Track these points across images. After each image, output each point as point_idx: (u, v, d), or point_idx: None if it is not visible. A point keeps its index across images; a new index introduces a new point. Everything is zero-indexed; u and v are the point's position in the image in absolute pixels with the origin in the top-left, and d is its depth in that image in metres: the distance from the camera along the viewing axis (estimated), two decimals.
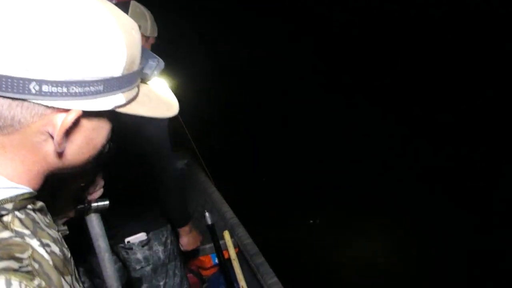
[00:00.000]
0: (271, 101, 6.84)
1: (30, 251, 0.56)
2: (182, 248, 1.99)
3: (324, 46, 7.96)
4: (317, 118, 6.16)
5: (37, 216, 0.65)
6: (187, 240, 1.97)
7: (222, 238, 2.47)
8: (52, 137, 0.58)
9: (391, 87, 6.55)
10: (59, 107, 0.55)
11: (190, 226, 1.95)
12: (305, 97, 6.78)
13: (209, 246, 2.49)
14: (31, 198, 0.64)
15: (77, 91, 0.55)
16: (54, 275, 0.58)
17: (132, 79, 0.62)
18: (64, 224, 1.09)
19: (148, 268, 1.85)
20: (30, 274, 0.53)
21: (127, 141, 1.49)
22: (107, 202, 1.08)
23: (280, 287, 2.02)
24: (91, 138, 0.64)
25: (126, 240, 1.80)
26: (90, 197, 1.07)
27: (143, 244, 1.81)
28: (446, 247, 3.57)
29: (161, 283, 1.89)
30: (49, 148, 0.60)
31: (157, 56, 0.70)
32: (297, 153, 5.36)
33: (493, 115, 5.47)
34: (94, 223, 1.12)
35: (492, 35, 6.85)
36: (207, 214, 2.50)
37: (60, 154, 0.62)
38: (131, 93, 0.63)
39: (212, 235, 2.45)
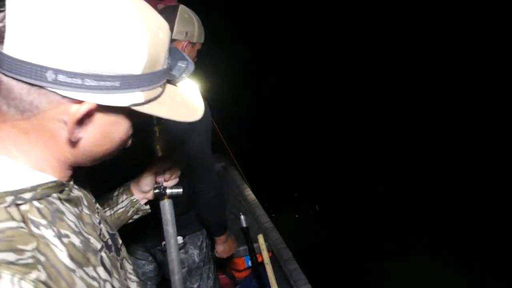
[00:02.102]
0: (314, 108, 6.76)
1: (35, 243, 0.56)
2: (217, 255, 2.03)
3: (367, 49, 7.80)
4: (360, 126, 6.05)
5: (63, 206, 0.66)
6: (223, 248, 2.00)
7: (256, 241, 2.49)
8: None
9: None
10: (74, 97, 0.56)
11: (226, 235, 1.98)
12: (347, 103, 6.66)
13: (243, 248, 2.52)
14: (57, 187, 0.65)
15: (92, 84, 0.55)
16: (63, 268, 0.59)
17: (153, 79, 0.62)
18: (146, 204, 1.18)
19: (183, 271, 1.89)
20: (29, 267, 0.53)
21: (173, 149, 1.52)
22: (180, 190, 1.13)
23: None
24: (108, 132, 0.64)
25: (163, 243, 1.85)
26: (165, 184, 1.13)
27: (179, 247, 1.86)
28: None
29: (195, 286, 1.93)
30: (67, 137, 0.62)
31: (188, 59, 0.69)
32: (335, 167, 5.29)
33: None
34: (166, 209, 1.18)
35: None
36: (242, 216, 2.53)
37: (74, 143, 0.63)
38: (152, 93, 0.63)
39: (246, 237, 2.48)
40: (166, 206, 1.18)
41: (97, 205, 0.84)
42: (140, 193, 1.15)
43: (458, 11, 7.50)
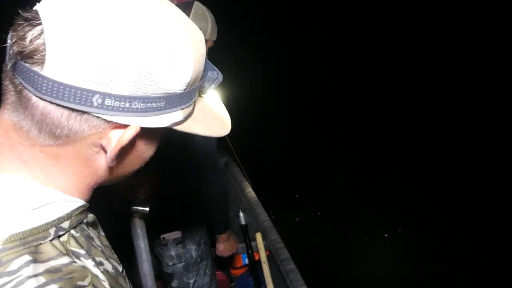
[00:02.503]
0: (317, 108, 6.74)
1: (90, 277, 0.54)
2: (217, 253, 2.03)
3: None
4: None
5: (91, 231, 0.63)
6: (224, 247, 2.01)
7: (254, 239, 2.49)
8: (104, 150, 0.56)
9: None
10: (119, 122, 0.52)
11: (228, 233, 1.99)
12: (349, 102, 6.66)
13: (241, 246, 2.50)
14: (86, 211, 0.62)
15: (139, 106, 0.52)
16: None
17: (192, 95, 0.59)
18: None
19: (180, 265, 1.90)
20: None
21: (177, 147, 1.52)
22: (147, 209, 1.11)
23: None
24: (143, 153, 0.62)
25: (162, 236, 1.86)
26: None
27: (177, 242, 1.86)
28: None
29: (191, 281, 1.93)
30: (101, 161, 0.58)
31: (216, 68, 0.64)
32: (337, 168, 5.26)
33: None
34: (136, 224, 1.17)
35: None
36: (241, 214, 2.53)
37: (111, 168, 0.60)
38: (188, 109, 0.60)
39: (244, 235, 2.47)
40: (136, 222, 1.17)
41: None
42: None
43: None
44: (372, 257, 3.70)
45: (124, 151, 0.57)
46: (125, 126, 0.54)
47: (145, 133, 0.58)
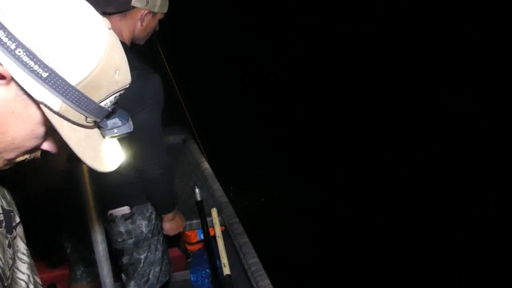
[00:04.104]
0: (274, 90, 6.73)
1: None
2: (164, 232, 2.02)
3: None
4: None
5: None
6: (170, 226, 1.99)
7: (210, 215, 2.50)
8: None
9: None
10: None
11: (174, 213, 1.97)
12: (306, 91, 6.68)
13: (196, 221, 2.52)
14: None
15: (21, 56, 0.52)
16: None
17: (81, 102, 0.58)
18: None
19: (130, 241, 1.88)
20: None
21: None
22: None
23: (259, 267, 2.05)
24: (6, 121, 0.58)
25: (109, 212, 1.83)
26: None
27: (126, 217, 1.84)
28: None
29: (142, 256, 1.92)
30: None
31: (128, 122, 0.70)
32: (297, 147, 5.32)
33: None
34: (96, 230, 1.17)
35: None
36: (197, 190, 2.52)
37: None
38: (71, 113, 0.58)
39: (199, 211, 2.48)
40: (96, 226, 1.17)
41: None
42: None
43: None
44: (326, 233, 3.80)
45: None
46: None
47: (15, 95, 0.56)
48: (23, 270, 0.82)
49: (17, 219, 0.84)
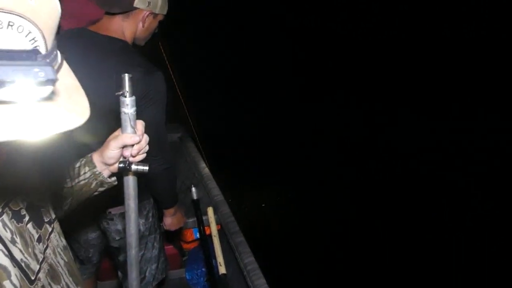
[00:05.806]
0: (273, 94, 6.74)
1: None
2: (165, 228, 2.03)
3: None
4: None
5: None
6: (171, 221, 2.00)
7: (206, 213, 2.51)
8: None
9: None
10: None
11: (175, 208, 1.98)
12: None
13: (192, 220, 2.52)
14: None
15: None
16: None
17: None
18: (110, 176, 1.12)
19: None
20: None
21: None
22: (146, 168, 1.08)
23: (255, 266, 2.07)
24: None
25: (108, 210, 1.84)
26: (131, 159, 1.07)
27: (124, 216, 1.84)
28: None
29: (139, 254, 1.93)
30: None
31: (50, 68, 0.45)
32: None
33: None
34: (130, 183, 1.14)
35: None
36: (193, 189, 2.52)
37: None
38: None
39: (196, 210, 2.49)
40: (130, 181, 1.14)
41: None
42: (104, 165, 1.09)
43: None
44: (323, 232, 3.83)
45: None
46: None
47: None
48: (62, 265, 0.86)
49: (51, 215, 0.84)
